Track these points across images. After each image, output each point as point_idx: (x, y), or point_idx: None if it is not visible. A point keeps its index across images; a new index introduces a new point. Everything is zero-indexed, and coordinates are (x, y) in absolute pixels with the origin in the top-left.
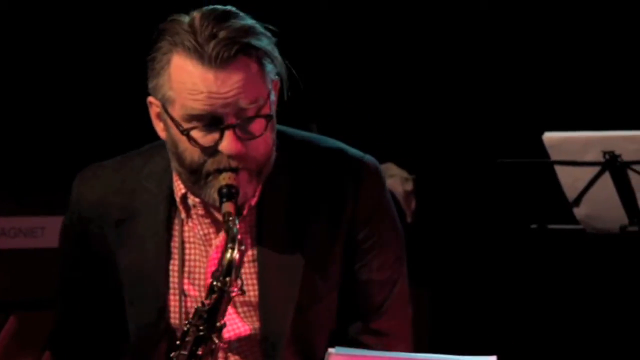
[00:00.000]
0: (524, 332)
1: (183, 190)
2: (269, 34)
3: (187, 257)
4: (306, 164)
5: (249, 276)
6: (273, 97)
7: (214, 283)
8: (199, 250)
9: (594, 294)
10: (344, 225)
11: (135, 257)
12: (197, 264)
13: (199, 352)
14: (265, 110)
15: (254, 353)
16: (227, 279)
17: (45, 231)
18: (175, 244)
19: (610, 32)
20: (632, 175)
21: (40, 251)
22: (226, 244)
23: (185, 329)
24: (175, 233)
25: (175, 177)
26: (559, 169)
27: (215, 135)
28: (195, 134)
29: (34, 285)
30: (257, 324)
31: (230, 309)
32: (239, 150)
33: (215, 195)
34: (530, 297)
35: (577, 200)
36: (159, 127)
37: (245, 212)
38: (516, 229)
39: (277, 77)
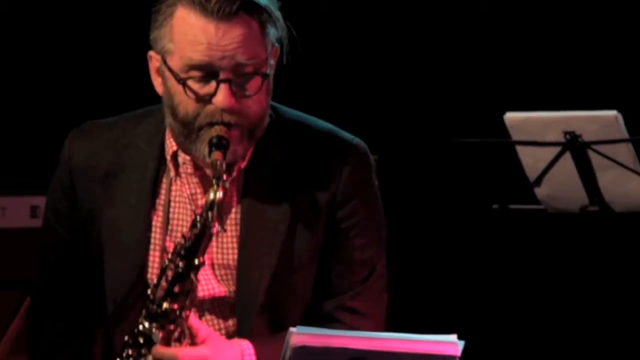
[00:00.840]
0: (486, 311)
1: (174, 148)
2: None
3: (171, 215)
4: (297, 139)
5: (229, 239)
6: (271, 61)
7: (197, 218)
8: (184, 210)
9: (554, 274)
10: (328, 202)
11: (119, 210)
12: (181, 223)
13: (176, 290)
14: (263, 70)
15: (225, 316)
16: (210, 213)
17: (6, 212)
18: (161, 201)
19: (573, 13)
20: (592, 155)
21: (1, 231)
22: (211, 183)
23: (164, 266)
24: (163, 191)
25: (167, 135)
26: (520, 149)
27: (211, 88)
28: (191, 84)
29: None
30: (232, 288)
31: (207, 270)
32: (232, 104)
33: (206, 150)
34: (491, 276)
35: (538, 180)
36: (157, 81)
37: (235, 174)
38: (478, 209)
39: (277, 44)
